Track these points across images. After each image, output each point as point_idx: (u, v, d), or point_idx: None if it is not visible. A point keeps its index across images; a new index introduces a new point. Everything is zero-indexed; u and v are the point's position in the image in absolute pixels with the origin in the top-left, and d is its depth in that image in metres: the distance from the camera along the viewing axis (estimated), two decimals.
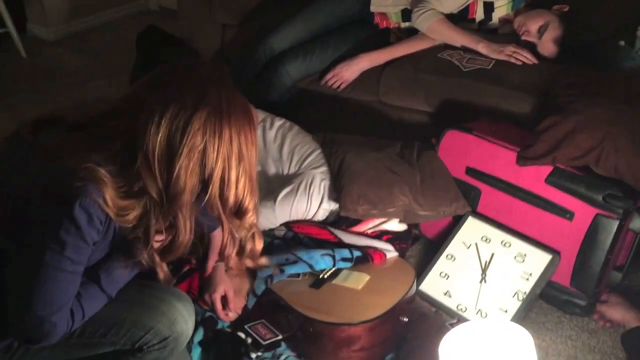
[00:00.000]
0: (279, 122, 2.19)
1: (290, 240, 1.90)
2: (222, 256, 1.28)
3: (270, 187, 2.06)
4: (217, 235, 1.65)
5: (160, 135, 1.09)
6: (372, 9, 2.44)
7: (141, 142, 1.09)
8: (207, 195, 1.15)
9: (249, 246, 1.32)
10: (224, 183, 1.15)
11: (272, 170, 2.10)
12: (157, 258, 1.22)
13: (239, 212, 1.21)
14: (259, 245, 1.34)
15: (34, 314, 1.12)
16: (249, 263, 1.39)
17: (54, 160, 1.11)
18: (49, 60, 3.42)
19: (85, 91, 3.08)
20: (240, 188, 1.17)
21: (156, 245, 1.20)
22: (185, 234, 1.18)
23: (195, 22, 2.63)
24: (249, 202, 1.20)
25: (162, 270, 1.25)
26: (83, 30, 3.71)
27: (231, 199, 1.17)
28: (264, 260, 1.42)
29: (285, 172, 2.07)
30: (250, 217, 1.24)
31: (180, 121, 1.09)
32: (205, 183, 1.14)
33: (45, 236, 1.09)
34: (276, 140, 2.13)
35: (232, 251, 1.28)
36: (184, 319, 1.33)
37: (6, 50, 3.39)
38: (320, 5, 2.42)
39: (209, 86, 1.12)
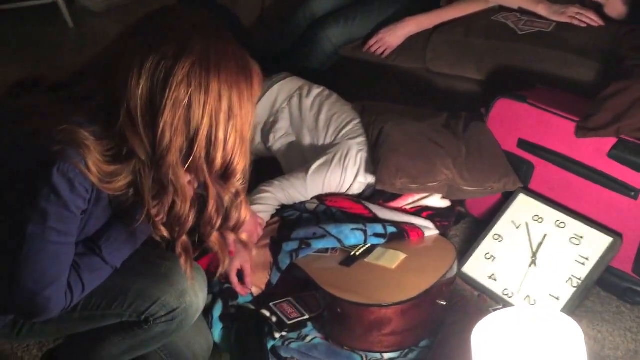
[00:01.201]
0: (317, 90, 2.05)
1: (322, 214, 1.78)
2: (204, 228, 1.15)
3: (305, 157, 1.94)
4: None
5: (141, 89, 0.97)
6: None
7: (122, 98, 0.98)
8: (192, 155, 1.02)
9: (233, 215, 1.19)
10: (210, 142, 1.02)
11: (307, 140, 1.97)
12: (163, 231, 1.11)
13: (225, 174, 1.09)
14: (245, 214, 1.21)
15: (24, 288, 1.05)
16: (230, 237, 1.27)
17: (28, 122, 1.02)
18: (94, 30, 3.41)
19: None
20: (228, 148, 1.04)
21: (157, 217, 1.10)
22: (182, 201, 1.06)
23: None
24: (237, 164, 1.08)
25: (178, 245, 1.15)
26: (129, 1, 3.68)
27: (218, 160, 1.05)
28: (245, 237, 1.29)
29: (321, 142, 1.94)
30: (237, 181, 1.11)
31: (162, 72, 0.97)
32: (191, 142, 1.02)
33: (25, 206, 1.00)
34: (312, 108, 2.00)
35: (217, 222, 1.16)
36: (194, 290, 1.24)
37: (54, 20, 3.38)
38: None
39: (193, 33, 1.00)
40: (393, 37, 2.18)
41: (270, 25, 2.45)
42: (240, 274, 1.59)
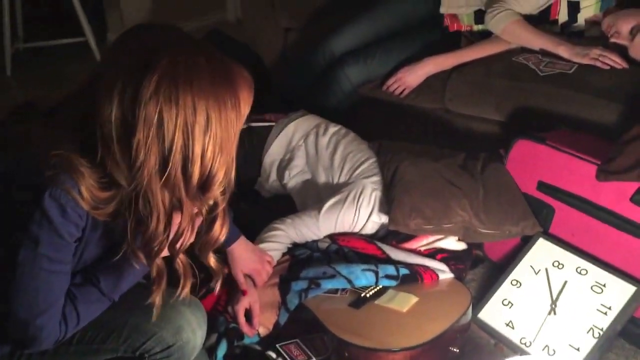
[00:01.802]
0: (333, 128, 2.04)
1: (333, 253, 1.74)
2: (173, 247, 1.11)
3: (319, 196, 1.91)
4: (236, 250, 1.53)
5: (113, 113, 0.96)
6: (442, 10, 2.27)
7: (98, 124, 0.97)
8: (167, 171, 0.98)
9: (209, 230, 1.15)
10: (186, 157, 0.98)
11: (322, 178, 1.95)
12: (139, 254, 1.07)
13: (204, 185, 1.04)
14: (219, 231, 1.16)
15: (16, 316, 1.03)
16: (204, 256, 1.22)
17: (23, 147, 1.02)
18: None
19: None
20: (206, 161, 1.00)
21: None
22: (157, 220, 1.02)
23: (258, 26, 2.56)
24: (216, 175, 1.03)
25: (153, 269, 1.10)
26: None
27: (196, 174, 1.01)
28: (213, 262, 1.22)
29: (336, 180, 1.92)
30: (215, 191, 1.06)
31: (130, 92, 0.95)
32: (166, 158, 0.98)
33: (18, 231, 0.99)
34: (329, 147, 1.98)
35: (187, 239, 1.10)
36: (190, 327, 1.20)
37: (85, 57, 3.47)
38: (385, 6, 2.28)
39: (160, 49, 0.97)
40: (412, 76, 2.17)
41: (291, 63, 2.46)
42: (248, 314, 1.55)
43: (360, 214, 1.79)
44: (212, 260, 1.20)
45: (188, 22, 3.82)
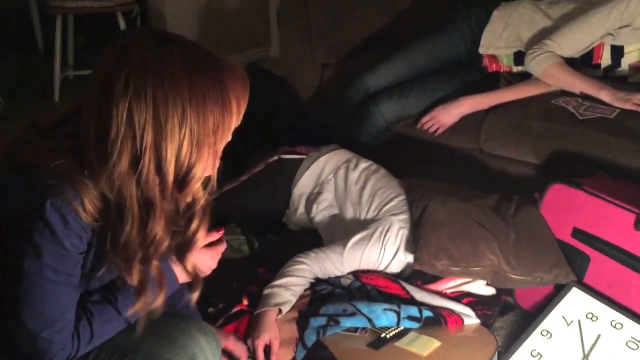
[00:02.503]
0: (364, 163, 2.02)
1: (355, 290, 1.69)
2: (146, 251, 1.05)
3: (346, 231, 1.87)
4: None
5: (92, 113, 0.96)
6: (481, 50, 2.25)
7: (82, 128, 0.98)
8: (139, 170, 0.96)
9: (190, 228, 1.10)
10: (160, 155, 0.96)
11: (349, 213, 1.92)
12: (119, 263, 1.06)
13: (181, 183, 1.01)
14: (196, 231, 1.11)
15: (24, 327, 1.02)
16: (181, 258, 1.16)
17: (24, 161, 1.01)
18: None
19: None
20: (181, 159, 0.98)
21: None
22: (130, 227, 1.00)
23: (295, 61, 2.59)
24: (194, 173, 1.00)
25: (133, 276, 1.07)
26: None
27: (170, 174, 0.98)
28: (191, 266, 1.17)
29: (363, 216, 1.88)
30: (192, 188, 1.03)
31: (104, 91, 0.95)
32: (138, 156, 0.96)
33: (22, 241, 0.99)
34: (358, 182, 1.96)
35: (164, 241, 1.05)
36: (204, 355, 1.17)
37: None
38: (423, 44, 2.26)
39: (132, 47, 0.97)
40: (447, 115, 2.13)
41: (326, 98, 2.47)
42: (267, 349, 1.52)
43: (386, 251, 1.75)
44: (189, 265, 1.17)
45: (234, 55, 3.91)
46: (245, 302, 1.65)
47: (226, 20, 3.91)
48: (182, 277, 1.22)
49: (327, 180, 2.00)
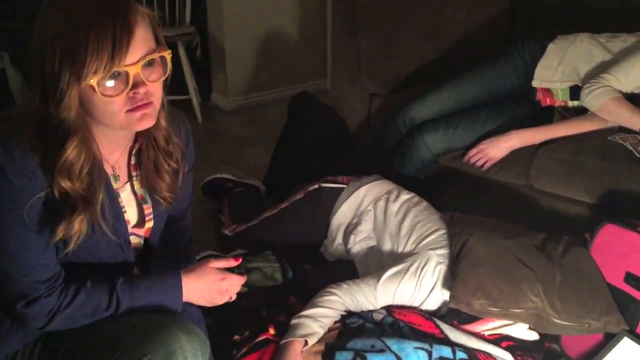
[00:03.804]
0: (405, 195, 1.96)
1: (387, 326, 1.61)
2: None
3: (383, 264, 1.81)
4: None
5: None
6: (535, 84, 2.16)
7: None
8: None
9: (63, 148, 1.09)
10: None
11: (387, 246, 1.86)
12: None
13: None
14: (68, 152, 1.08)
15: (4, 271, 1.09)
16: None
17: None
18: (220, 127, 3.64)
19: (242, 155, 3.17)
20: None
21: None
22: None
23: (344, 90, 2.56)
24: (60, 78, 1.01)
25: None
26: (258, 102, 3.91)
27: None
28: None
29: (401, 249, 1.81)
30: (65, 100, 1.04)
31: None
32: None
33: None
34: (398, 214, 1.90)
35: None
36: (183, 353, 1.12)
37: (187, 115, 3.61)
38: (473, 75, 2.20)
39: None
40: (495, 149, 2.05)
41: (373, 128, 2.43)
42: None
43: (422, 287, 1.67)
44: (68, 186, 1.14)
45: (289, 87, 3.95)
46: (272, 331, 1.60)
47: (285, 52, 3.96)
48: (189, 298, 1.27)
49: (367, 211, 1.95)
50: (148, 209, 1.27)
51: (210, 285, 1.31)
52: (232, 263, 1.38)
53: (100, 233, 1.15)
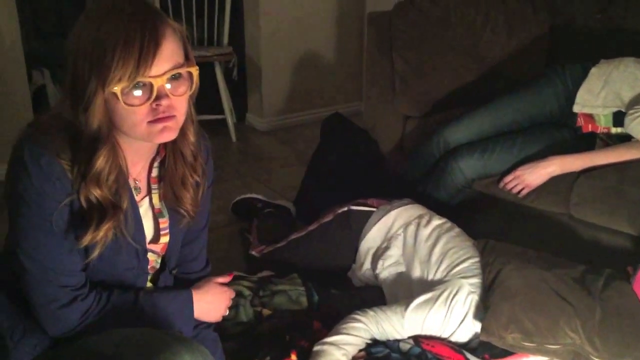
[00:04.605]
0: (437, 221, 1.89)
1: (414, 357, 1.54)
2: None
3: (411, 291, 1.75)
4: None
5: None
6: (576, 109, 2.08)
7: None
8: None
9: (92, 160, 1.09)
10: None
11: (416, 273, 1.79)
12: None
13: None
14: (98, 163, 1.09)
15: (29, 274, 1.09)
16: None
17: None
18: (253, 147, 3.63)
19: (274, 176, 3.15)
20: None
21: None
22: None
23: (378, 112, 2.52)
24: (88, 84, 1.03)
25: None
26: (292, 124, 3.90)
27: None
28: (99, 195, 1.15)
29: (431, 277, 1.74)
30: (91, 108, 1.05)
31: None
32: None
33: (8, 189, 1.07)
34: (429, 239, 1.83)
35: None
36: None
37: (220, 133, 3.66)
38: (512, 98, 2.13)
39: None
40: (533, 175, 1.96)
41: (407, 151, 2.38)
42: None
43: (452, 317, 1.60)
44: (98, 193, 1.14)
45: (324, 109, 3.93)
46: (294, 357, 1.55)
47: (321, 73, 3.95)
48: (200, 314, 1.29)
49: (396, 235, 1.89)
50: (164, 223, 1.25)
51: (217, 299, 1.34)
52: (227, 279, 1.43)
53: (121, 241, 1.15)
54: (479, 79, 2.43)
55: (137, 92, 1.03)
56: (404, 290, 1.78)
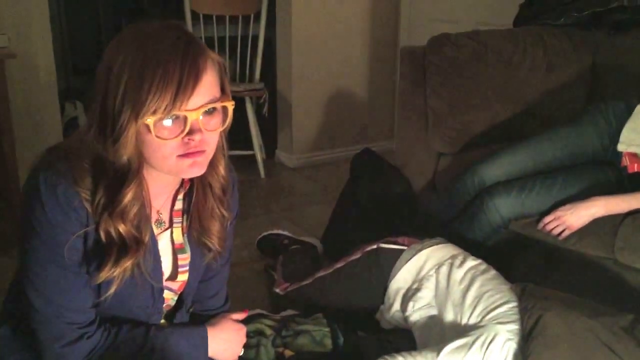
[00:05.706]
0: (472, 262, 1.79)
1: None
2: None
3: (444, 336, 1.64)
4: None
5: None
6: (621, 148, 1.97)
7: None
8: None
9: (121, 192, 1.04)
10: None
11: (449, 316, 1.68)
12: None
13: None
14: (125, 197, 1.04)
15: (36, 310, 1.04)
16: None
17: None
18: (282, 183, 3.59)
19: (302, 213, 3.09)
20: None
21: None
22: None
23: (411, 149, 2.45)
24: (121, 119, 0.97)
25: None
26: (322, 161, 3.86)
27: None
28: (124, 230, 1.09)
29: (464, 321, 1.63)
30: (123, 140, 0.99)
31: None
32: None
33: (21, 218, 1.03)
34: (463, 282, 1.72)
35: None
36: None
37: (250, 169, 3.62)
38: (552, 136, 2.03)
39: None
40: (575, 216, 1.85)
41: (440, 189, 2.29)
42: None
43: None
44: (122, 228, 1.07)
45: (355, 146, 3.86)
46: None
47: (352, 111, 3.92)
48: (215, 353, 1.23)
49: (428, 276, 1.79)
50: (184, 260, 1.19)
51: (233, 337, 1.29)
52: (242, 316, 1.38)
53: (137, 278, 1.08)
54: (515, 117, 2.34)
55: (169, 124, 0.97)
56: (435, 335, 1.67)
